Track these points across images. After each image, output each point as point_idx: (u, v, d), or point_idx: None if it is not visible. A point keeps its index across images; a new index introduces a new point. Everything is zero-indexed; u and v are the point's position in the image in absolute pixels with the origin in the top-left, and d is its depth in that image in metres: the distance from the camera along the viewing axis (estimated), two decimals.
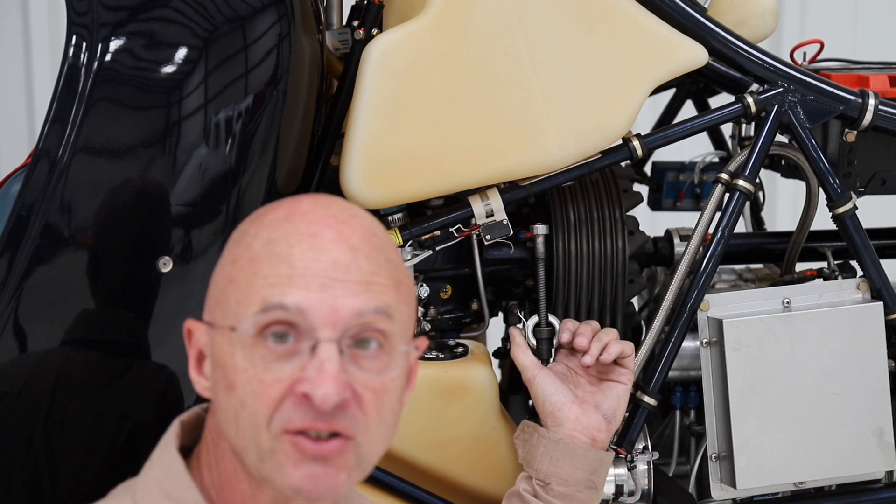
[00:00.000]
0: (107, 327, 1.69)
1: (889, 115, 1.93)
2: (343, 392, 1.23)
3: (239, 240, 1.30)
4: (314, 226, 1.26)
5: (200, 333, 1.31)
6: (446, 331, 1.97)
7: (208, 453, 1.34)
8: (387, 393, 1.27)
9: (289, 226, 1.27)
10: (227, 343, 1.26)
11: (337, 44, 2.03)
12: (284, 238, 1.26)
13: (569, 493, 1.77)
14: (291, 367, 1.23)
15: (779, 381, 1.89)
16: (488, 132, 1.81)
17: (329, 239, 1.25)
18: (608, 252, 1.92)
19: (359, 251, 1.26)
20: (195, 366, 1.32)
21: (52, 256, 1.66)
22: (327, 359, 1.22)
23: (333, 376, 1.22)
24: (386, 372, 1.27)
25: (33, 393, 1.67)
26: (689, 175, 2.52)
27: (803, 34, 4.01)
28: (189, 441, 1.38)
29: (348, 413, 1.24)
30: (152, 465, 1.35)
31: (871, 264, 1.93)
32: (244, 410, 1.24)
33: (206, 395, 1.32)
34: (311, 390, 1.21)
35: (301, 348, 1.24)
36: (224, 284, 1.28)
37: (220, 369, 1.27)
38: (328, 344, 1.23)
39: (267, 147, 1.72)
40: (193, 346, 1.32)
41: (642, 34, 1.85)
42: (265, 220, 1.29)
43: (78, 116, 1.64)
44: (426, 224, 1.87)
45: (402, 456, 1.84)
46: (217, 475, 1.32)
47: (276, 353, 1.24)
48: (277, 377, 1.23)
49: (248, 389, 1.24)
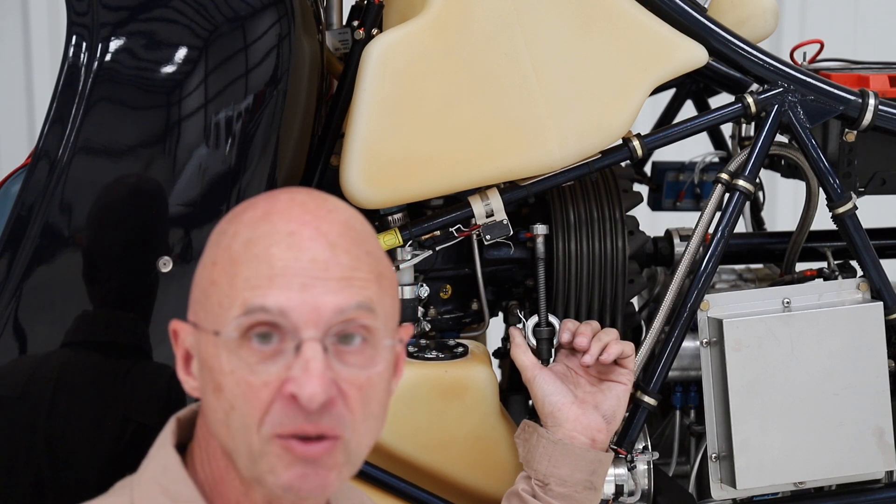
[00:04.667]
0: (107, 328, 1.69)
1: (889, 115, 1.93)
2: (329, 390, 1.23)
3: (218, 241, 1.29)
4: (291, 223, 1.26)
5: (186, 334, 1.32)
6: (446, 331, 1.97)
7: (200, 450, 1.34)
8: (372, 387, 1.27)
9: (266, 225, 1.26)
10: (212, 345, 1.26)
11: (337, 44, 2.03)
12: (263, 238, 1.25)
13: (568, 493, 1.77)
14: (277, 367, 1.23)
15: (779, 381, 1.89)
16: (488, 132, 1.81)
17: (307, 237, 1.25)
18: (608, 252, 1.92)
19: (338, 247, 1.26)
20: (183, 366, 1.33)
21: (52, 256, 1.65)
22: (312, 357, 1.22)
23: (319, 375, 1.22)
24: (371, 366, 1.27)
25: (34, 395, 1.67)
26: (689, 175, 2.52)
27: (803, 34, 4.01)
28: (186, 437, 1.38)
29: (335, 412, 1.24)
30: (150, 461, 1.36)
31: (871, 264, 1.93)
32: (234, 413, 1.25)
33: (196, 395, 1.32)
34: (298, 390, 1.22)
35: (285, 348, 1.24)
36: (206, 286, 1.28)
37: (207, 371, 1.27)
38: (312, 343, 1.23)
39: (267, 147, 1.72)
40: (180, 347, 1.33)
41: (642, 34, 1.85)
42: (243, 219, 1.29)
43: (78, 116, 1.64)
44: (426, 224, 1.87)
45: (402, 456, 1.84)
46: (210, 472, 1.33)
47: (261, 354, 1.24)
48: (265, 380, 1.23)
49: (236, 392, 1.24)
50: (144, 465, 1.36)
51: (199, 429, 1.35)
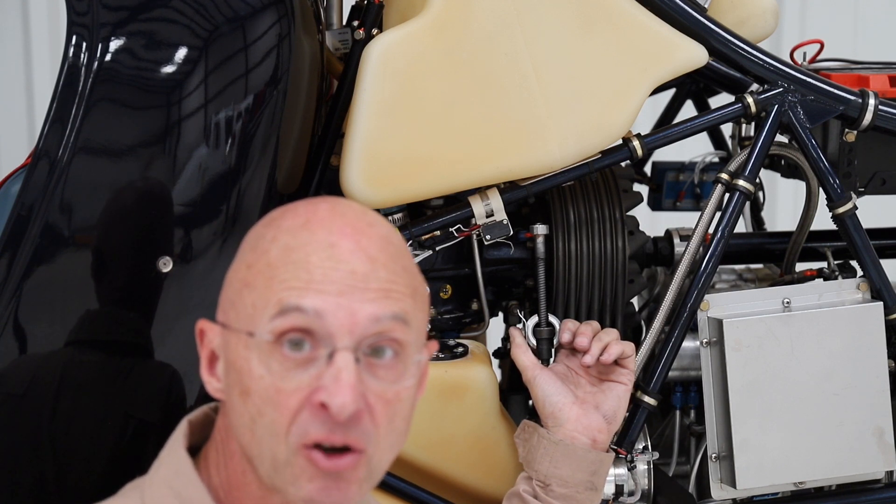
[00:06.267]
0: (108, 328, 1.69)
1: (889, 115, 1.93)
2: (359, 402, 1.23)
3: (255, 244, 1.29)
4: (333, 235, 1.26)
5: (213, 334, 1.31)
6: (446, 331, 1.97)
7: (217, 454, 1.33)
8: (400, 402, 1.27)
9: (306, 234, 1.26)
10: (242, 347, 1.26)
11: (337, 44, 2.03)
12: (302, 246, 1.25)
13: (569, 493, 1.77)
14: (308, 375, 1.23)
15: (779, 381, 1.89)
16: (488, 132, 1.81)
17: (347, 249, 1.25)
18: (608, 252, 1.92)
19: (377, 261, 1.26)
20: (207, 366, 1.32)
21: (53, 256, 1.65)
22: (344, 367, 1.22)
23: (351, 386, 1.22)
24: (400, 381, 1.26)
25: (37, 394, 1.67)
26: (689, 175, 2.52)
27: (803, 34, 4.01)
28: (197, 440, 1.38)
29: (361, 425, 1.24)
30: (161, 464, 1.35)
31: (871, 264, 1.93)
32: (262, 419, 1.24)
33: (219, 397, 1.31)
34: (329, 399, 1.21)
35: (318, 356, 1.23)
36: (239, 287, 1.28)
37: (234, 373, 1.27)
38: (345, 353, 1.23)
39: (267, 147, 1.72)
40: (206, 347, 1.32)
41: (642, 34, 1.85)
42: (283, 225, 1.28)
43: (78, 116, 1.64)
44: (426, 224, 1.87)
45: (402, 456, 1.84)
46: (226, 476, 1.32)
47: (293, 361, 1.23)
48: (295, 386, 1.23)
49: (265, 398, 1.23)
50: (155, 467, 1.36)
51: (217, 431, 1.34)
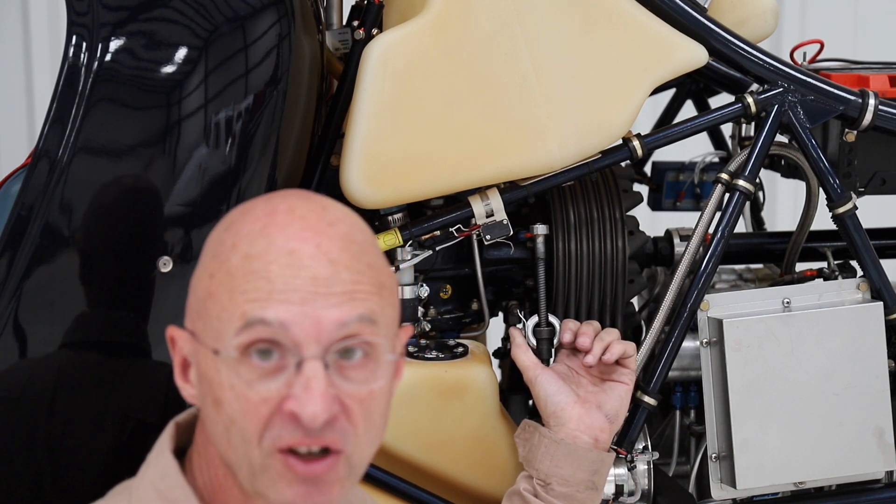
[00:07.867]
0: (107, 328, 1.69)
1: (889, 115, 1.93)
2: (331, 408, 1.21)
3: (216, 251, 1.27)
4: (291, 241, 1.23)
5: (184, 342, 1.30)
6: (446, 331, 1.97)
7: (199, 457, 1.33)
8: (374, 399, 1.26)
9: (265, 241, 1.23)
10: (211, 359, 1.25)
11: (337, 44, 2.03)
12: (262, 255, 1.23)
13: (569, 493, 1.77)
14: (277, 384, 1.22)
15: (779, 381, 1.89)
16: (488, 132, 1.81)
17: (307, 254, 1.23)
18: (608, 252, 1.92)
19: (339, 263, 1.24)
20: (180, 373, 1.31)
21: (53, 256, 1.65)
22: (313, 376, 1.21)
23: (321, 394, 1.20)
24: (372, 380, 1.25)
25: (33, 396, 1.67)
26: (689, 175, 2.52)
27: (803, 34, 4.01)
28: (185, 442, 1.37)
29: (337, 427, 1.23)
30: (148, 466, 1.35)
31: (871, 264, 1.93)
32: (234, 427, 1.23)
33: (194, 402, 1.31)
34: (299, 409, 1.20)
35: (286, 364, 1.22)
36: (203, 298, 1.26)
37: (206, 383, 1.26)
38: (313, 361, 1.21)
39: (267, 147, 1.72)
40: (177, 354, 1.31)
41: (642, 34, 1.85)
42: (241, 231, 1.26)
43: (78, 116, 1.64)
44: (426, 224, 1.86)
45: (402, 456, 1.84)
46: (208, 478, 1.32)
47: (262, 371, 1.22)
48: (264, 397, 1.22)
49: (235, 407, 1.23)
50: (143, 469, 1.36)
51: (199, 435, 1.34)
